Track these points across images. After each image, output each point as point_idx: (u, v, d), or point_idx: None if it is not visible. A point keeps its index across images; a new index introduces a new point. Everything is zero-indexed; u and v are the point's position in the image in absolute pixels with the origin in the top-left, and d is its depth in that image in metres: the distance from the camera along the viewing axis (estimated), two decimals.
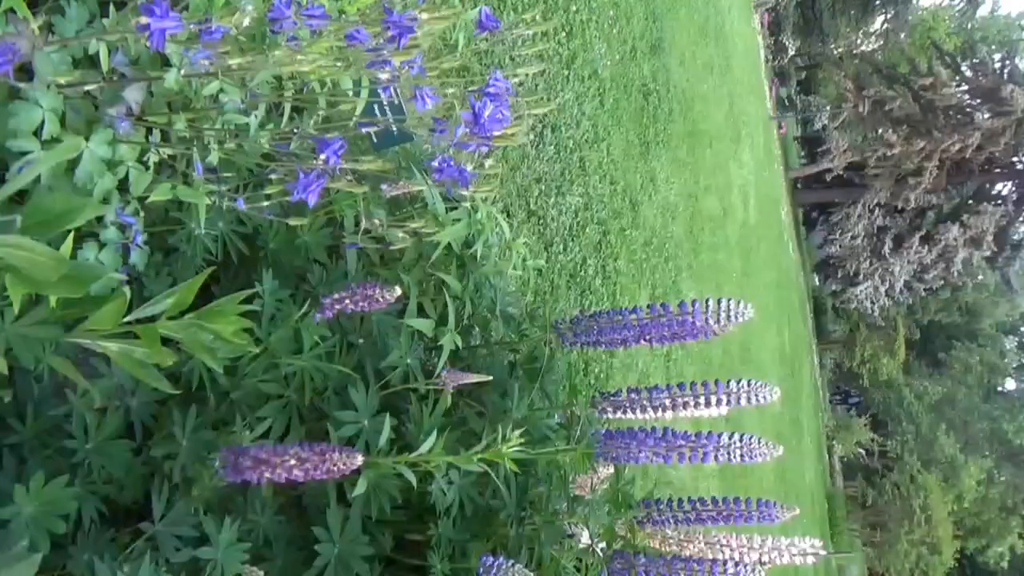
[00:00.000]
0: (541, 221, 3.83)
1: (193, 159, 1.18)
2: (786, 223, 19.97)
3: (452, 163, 1.05)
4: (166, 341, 1.16)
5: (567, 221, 4.13)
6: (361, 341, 1.77)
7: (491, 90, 1.08)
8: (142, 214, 1.26)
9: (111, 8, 1.06)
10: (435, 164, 1.07)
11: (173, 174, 1.34)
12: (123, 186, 1.27)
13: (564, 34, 4.45)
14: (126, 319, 1.12)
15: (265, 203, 1.09)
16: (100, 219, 1.23)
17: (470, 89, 1.08)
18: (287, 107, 1.15)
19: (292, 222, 1.09)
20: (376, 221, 1.22)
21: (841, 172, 21.32)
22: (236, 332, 1.14)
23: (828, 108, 23.46)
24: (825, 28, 25.97)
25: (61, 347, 1.25)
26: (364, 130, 1.05)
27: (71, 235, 1.04)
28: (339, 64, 0.86)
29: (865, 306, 22.77)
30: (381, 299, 1.39)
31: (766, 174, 16.38)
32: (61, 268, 0.89)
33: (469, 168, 1.06)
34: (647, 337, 1.84)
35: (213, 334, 1.15)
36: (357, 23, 0.86)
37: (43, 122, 1.03)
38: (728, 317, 1.71)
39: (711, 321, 1.72)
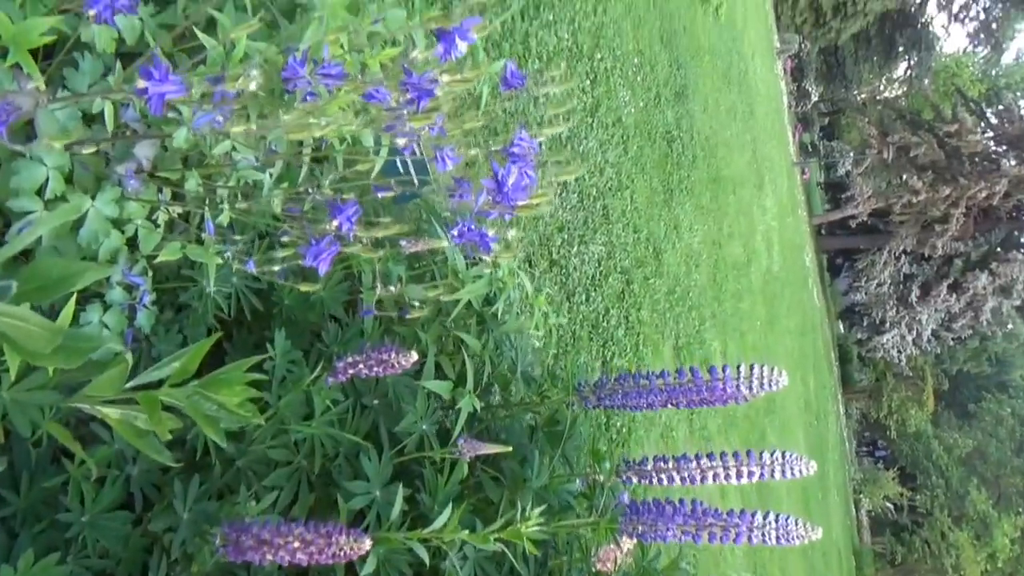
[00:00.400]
0: (563, 271, 3.76)
1: (205, 218, 1.13)
2: (810, 269, 19.77)
3: (473, 227, 0.98)
4: (170, 406, 1.10)
5: (590, 271, 4.06)
6: (376, 402, 1.70)
7: (515, 150, 1.02)
8: (151, 273, 1.21)
9: (117, 64, 1.02)
10: (455, 229, 1.01)
11: (185, 230, 1.29)
12: (133, 244, 1.22)
13: (588, 82, 4.44)
14: (128, 385, 1.06)
15: (276, 267, 1.03)
16: (107, 278, 1.19)
17: (493, 149, 1.03)
18: (304, 165, 1.10)
19: (304, 288, 1.04)
20: (393, 289, 1.16)
21: (866, 218, 21.15)
22: (242, 403, 1.08)
23: (851, 154, 23.38)
24: (848, 74, 26.04)
25: (60, 412, 1.20)
26: (381, 194, 1.00)
27: (73, 298, 0.99)
28: (358, 122, 0.81)
29: (892, 355, 22.37)
30: (397, 364, 1.33)
31: (790, 220, 16.27)
32: (55, 340, 0.83)
33: (491, 233, 1.00)
34: (674, 402, 1.75)
35: (217, 404, 1.09)
36: (376, 82, 0.81)
37: (47, 180, 0.99)
38: (761, 385, 1.63)
39: (743, 388, 1.64)
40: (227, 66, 1.18)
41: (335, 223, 0.86)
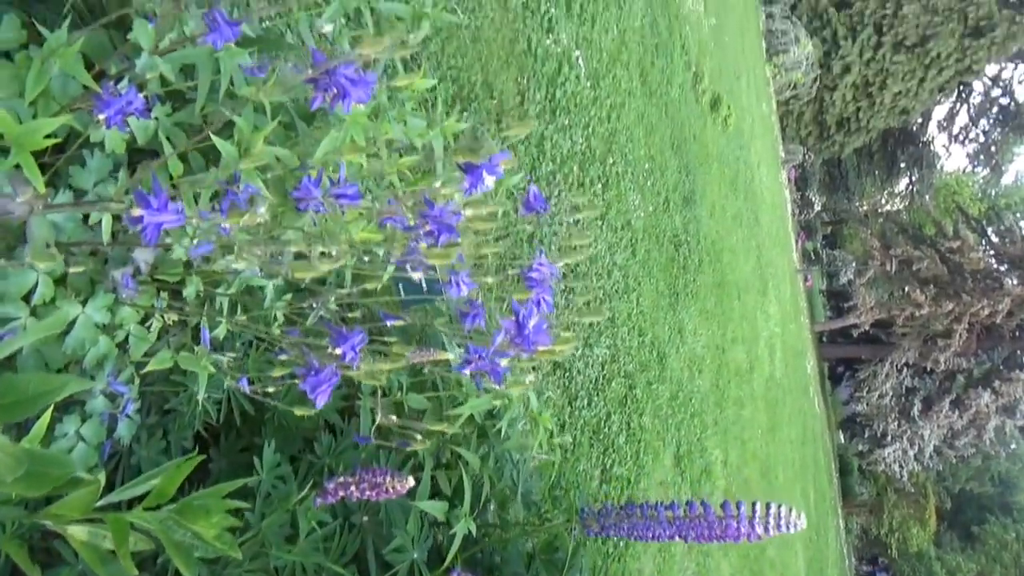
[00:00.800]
0: (567, 374, 3.68)
1: (201, 326, 1.07)
2: (811, 377, 19.60)
3: (485, 357, 0.92)
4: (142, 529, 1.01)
5: (593, 374, 3.97)
6: (365, 519, 1.60)
7: (534, 275, 0.97)
8: (137, 379, 1.14)
9: (122, 171, 0.98)
10: (466, 357, 0.94)
11: (181, 332, 1.23)
12: (122, 347, 1.16)
13: (600, 185, 4.47)
14: (99, 503, 0.98)
15: (271, 388, 0.96)
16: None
17: (511, 273, 0.97)
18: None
19: (298, 412, 0.96)
20: (393, 417, 1.08)
21: (868, 328, 21.11)
22: (219, 534, 0.99)
23: (853, 264, 23.58)
24: (850, 186, 26.56)
25: (22, 526, 1.10)
26: (390, 323, 0.94)
27: (49, 410, 0.92)
28: (369, 253, 0.76)
29: (893, 469, 21.93)
30: (391, 489, 1.24)
31: (792, 326, 16.23)
32: (20, 467, 0.76)
33: (504, 363, 0.93)
34: (683, 535, 1.64)
35: (192, 533, 1.00)
36: (392, 211, 0.76)
37: (36, 285, 0.93)
38: (778, 526, 1.53)
39: (758, 527, 1.53)
40: (238, 175, 1.14)
41: (338, 351, 0.80)
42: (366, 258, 0.86)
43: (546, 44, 3.79)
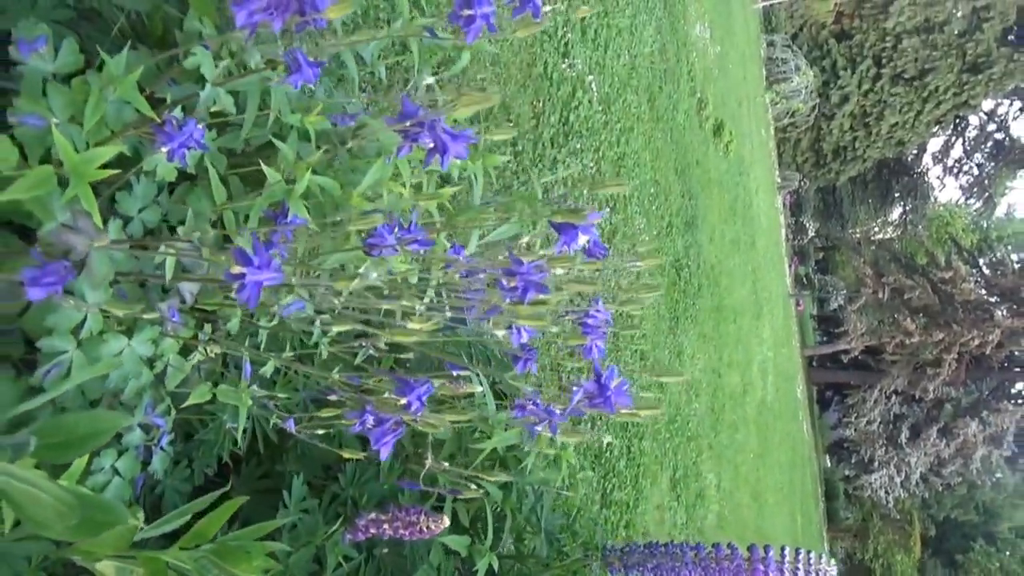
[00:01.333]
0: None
1: (243, 360, 1.05)
2: (801, 401, 19.63)
3: (540, 403, 0.90)
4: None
5: None
6: (386, 551, 1.57)
7: (590, 321, 0.95)
8: (173, 412, 1.11)
9: (163, 194, 0.96)
10: (519, 403, 0.92)
11: (211, 361, 1.20)
12: (159, 378, 1.13)
13: (608, 209, 4.47)
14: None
15: (320, 431, 0.94)
16: None
17: (571, 316, 0.96)
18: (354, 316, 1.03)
19: (347, 455, 0.94)
20: (447, 464, 1.06)
21: (858, 354, 21.18)
22: None
23: (844, 290, 23.69)
24: (845, 214, 26.73)
25: (48, 560, 1.07)
26: (456, 372, 0.92)
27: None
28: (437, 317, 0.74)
29: (880, 495, 21.94)
30: (425, 529, 1.22)
31: (784, 351, 16.26)
32: (72, 515, 0.73)
33: (559, 411, 0.91)
34: None
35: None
36: (473, 266, 0.74)
37: (85, 319, 0.91)
38: (807, 572, 1.51)
39: (787, 574, 1.52)
40: (288, 198, 1.12)
41: (403, 401, 0.77)
42: (421, 306, 0.84)
43: (561, 68, 3.79)
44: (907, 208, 26.89)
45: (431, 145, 0.79)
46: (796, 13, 21.15)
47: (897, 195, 26.68)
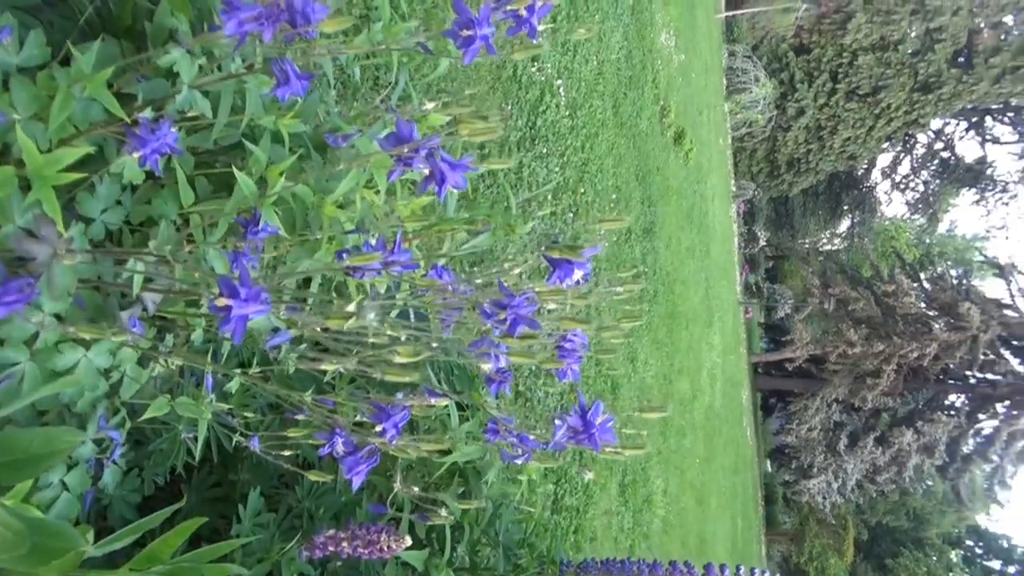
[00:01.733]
0: (528, 403, 3.66)
1: (204, 373, 1.01)
2: (746, 407, 20.01)
3: (514, 428, 0.88)
4: None
5: (552, 403, 3.96)
6: (340, 564, 1.54)
7: (567, 345, 0.94)
8: (128, 424, 1.06)
9: (130, 198, 0.91)
10: (491, 425, 0.90)
11: (172, 378, 1.15)
12: (114, 389, 1.08)
13: (571, 214, 4.47)
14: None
15: (287, 452, 0.90)
16: None
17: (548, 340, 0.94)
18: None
19: (313, 477, 0.91)
20: (417, 489, 1.04)
21: (802, 363, 21.67)
22: None
23: (792, 299, 24.21)
24: (795, 224, 27.31)
25: None
26: (434, 400, 0.89)
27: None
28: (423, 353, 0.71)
29: (817, 500, 22.50)
30: (387, 548, 1.19)
31: (732, 357, 16.55)
32: (23, 544, 0.69)
33: (532, 437, 0.90)
34: None
35: None
36: (471, 299, 0.72)
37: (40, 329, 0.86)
38: None
39: None
40: (260, 205, 1.08)
41: (379, 428, 0.75)
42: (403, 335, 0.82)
43: (531, 72, 3.78)
44: (855, 221, 27.59)
45: (426, 171, 0.76)
46: (758, 25, 21.52)
47: (846, 208, 27.36)
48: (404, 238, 1.32)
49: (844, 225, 28.62)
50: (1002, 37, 21.46)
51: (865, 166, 26.46)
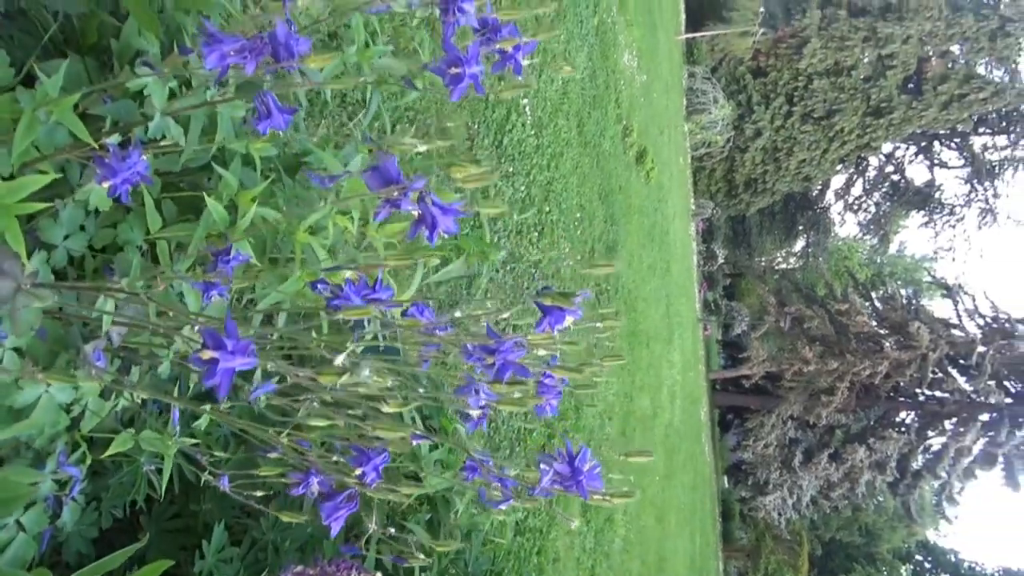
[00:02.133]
0: (492, 423, 3.63)
1: (171, 408, 0.97)
2: (704, 424, 20.22)
3: (492, 465, 0.86)
4: None
5: (516, 424, 3.93)
6: None
7: (547, 381, 0.93)
8: (88, 459, 1.02)
9: (94, 224, 0.88)
10: (470, 464, 0.88)
11: (129, 403, 1.11)
12: (75, 422, 1.04)
13: (536, 233, 4.47)
14: None
15: (259, 492, 0.87)
16: None
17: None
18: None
19: (286, 518, 0.87)
20: (393, 530, 1.01)
21: (759, 380, 22.00)
22: None
23: (748, 317, 24.58)
24: (752, 243, 27.80)
25: None
26: (416, 442, 0.87)
27: None
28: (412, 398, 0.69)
29: (773, 516, 22.79)
30: None
31: (691, 374, 16.72)
32: None
33: (512, 474, 0.88)
34: None
35: None
36: (462, 340, 0.70)
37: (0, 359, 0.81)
38: None
39: None
40: (231, 233, 1.05)
41: (358, 471, 0.72)
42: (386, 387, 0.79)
43: (497, 90, 3.78)
44: (810, 240, 28.20)
45: (416, 215, 0.74)
46: (717, 47, 21.95)
47: (801, 228, 27.95)
48: (377, 265, 1.29)
49: (799, 244, 29.24)
50: (949, 65, 22.23)
51: (819, 187, 27.10)
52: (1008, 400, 20.04)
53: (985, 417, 20.23)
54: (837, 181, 27.85)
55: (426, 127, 2.73)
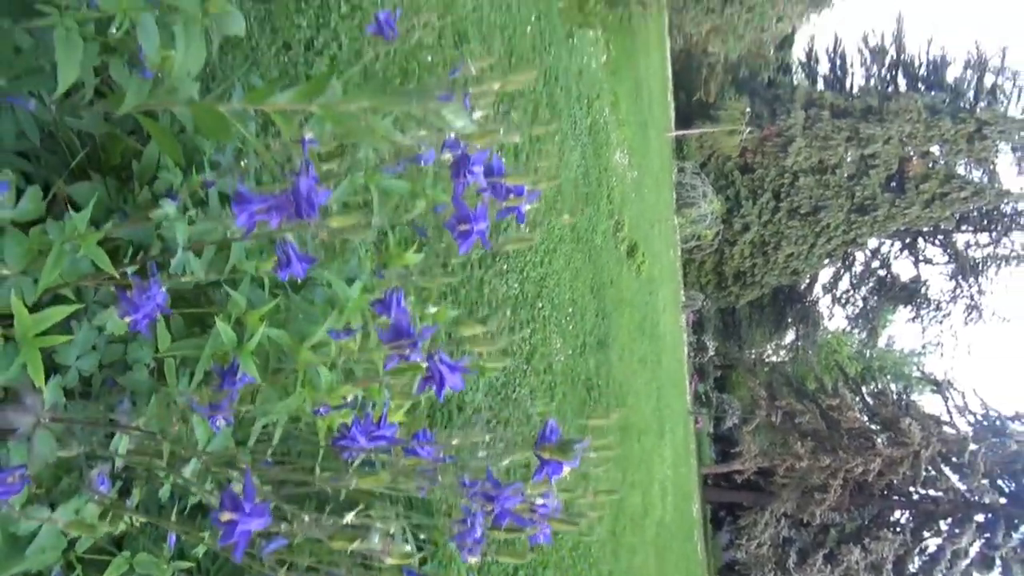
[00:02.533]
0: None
1: (168, 532, 0.97)
2: (696, 520, 19.79)
3: (478, 531, 0.86)
4: None
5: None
6: None
7: (541, 511, 0.93)
8: None
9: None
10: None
11: (133, 528, 1.11)
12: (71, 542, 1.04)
13: (529, 330, 4.51)
14: None
15: None
16: None
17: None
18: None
19: None
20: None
21: (750, 475, 21.68)
22: None
23: (739, 410, 24.45)
24: (742, 335, 27.93)
25: None
26: None
27: None
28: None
29: None
30: None
31: (683, 469, 16.50)
32: None
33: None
34: None
35: None
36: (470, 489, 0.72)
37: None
38: None
39: None
40: (239, 354, 1.07)
41: None
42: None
43: (500, 244, 3.89)
44: (799, 334, 28.37)
45: (425, 371, 0.78)
46: (705, 144, 22.66)
47: (790, 320, 28.17)
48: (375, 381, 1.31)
49: (789, 337, 29.39)
50: (930, 165, 22.95)
51: (807, 281, 27.48)
52: (1003, 500, 19.77)
53: (980, 518, 19.91)
54: (825, 275, 28.27)
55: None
